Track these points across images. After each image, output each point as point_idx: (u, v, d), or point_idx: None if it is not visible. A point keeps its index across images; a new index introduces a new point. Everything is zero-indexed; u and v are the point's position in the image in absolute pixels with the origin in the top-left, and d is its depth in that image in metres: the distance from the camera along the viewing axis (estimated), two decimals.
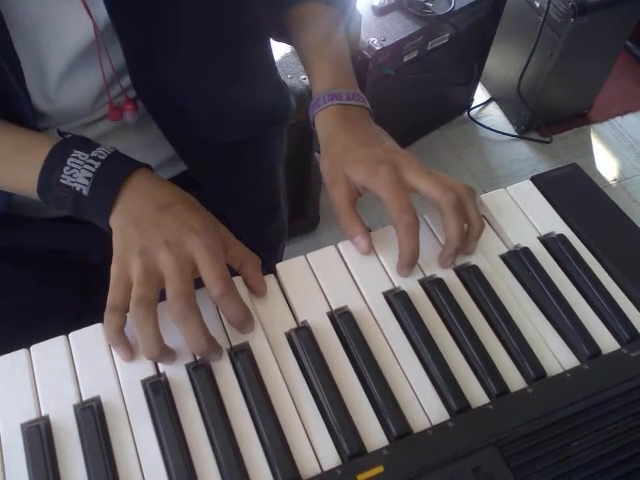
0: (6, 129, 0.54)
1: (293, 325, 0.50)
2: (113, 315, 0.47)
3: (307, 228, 1.62)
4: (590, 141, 1.91)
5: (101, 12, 0.51)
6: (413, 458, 0.43)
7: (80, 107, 0.58)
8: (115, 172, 0.50)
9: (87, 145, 0.51)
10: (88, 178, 0.49)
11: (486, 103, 1.97)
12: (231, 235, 0.52)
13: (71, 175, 0.49)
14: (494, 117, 1.95)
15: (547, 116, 1.84)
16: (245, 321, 0.48)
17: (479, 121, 1.91)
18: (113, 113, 0.59)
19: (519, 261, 0.54)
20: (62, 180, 0.49)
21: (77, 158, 0.50)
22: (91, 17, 0.51)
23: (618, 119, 1.95)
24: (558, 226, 0.56)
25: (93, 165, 0.50)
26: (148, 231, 0.48)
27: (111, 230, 0.50)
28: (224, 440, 0.44)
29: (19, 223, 0.67)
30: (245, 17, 0.61)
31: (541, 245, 0.55)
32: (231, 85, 0.64)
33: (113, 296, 0.47)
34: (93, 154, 0.50)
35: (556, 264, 0.54)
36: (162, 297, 0.48)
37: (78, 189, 0.49)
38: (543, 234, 0.56)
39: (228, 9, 0.58)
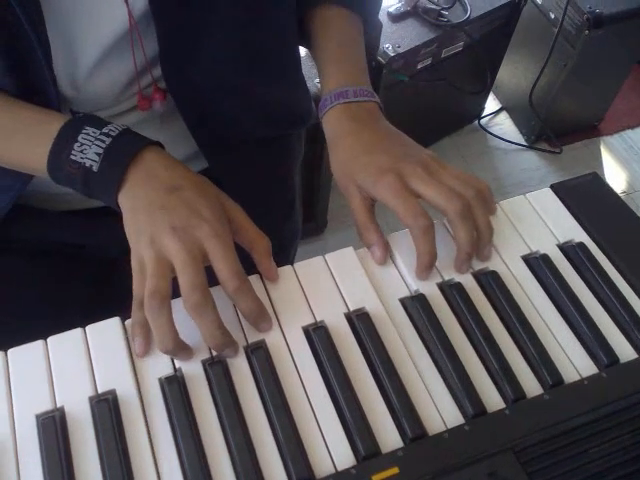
0: (19, 106, 0.54)
1: (311, 321, 0.50)
2: (139, 308, 0.47)
3: (315, 231, 1.62)
4: (600, 153, 1.91)
5: (137, 2, 0.52)
6: (428, 460, 0.43)
7: (106, 96, 0.58)
8: (126, 148, 0.50)
9: (99, 122, 0.51)
10: (98, 154, 0.49)
11: (497, 112, 1.97)
12: (242, 214, 0.52)
13: (82, 151, 0.49)
14: (504, 126, 1.95)
15: (557, 127, 1.84)
16: (260, 315, 0.48)
17: (489, 130, 1.92)
18: (142, 103, 0.59)
19: (538, 267, 0.54)
20: (72, 156, 0.49)
21: (88, 134, 0.49)
22: (127, 7, 0.51)
23: (628, 132, 1.96)
24: (577, 234, 0.56)
25: (104, 141, 0.49)
26: (155, 214, 0.48)
27: (119, 208, 0.50)
28: (239, 437, 0.43)
29: (35, 216, 0.67)
30: (281, 15, 0.61)
31: (560, 252, 0.55)
32: (259, 82, 0.64)
33: (137, 288, 0.47)
34: (104, 130, 0.50)
35: (575, 272, 0.54)
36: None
37: (88, 165, 0.49)
38: (562, 242, 0.56)
39: (265, 6, 0.58)
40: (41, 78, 0.52)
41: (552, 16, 1.62)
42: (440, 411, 0.46)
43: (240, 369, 0.47)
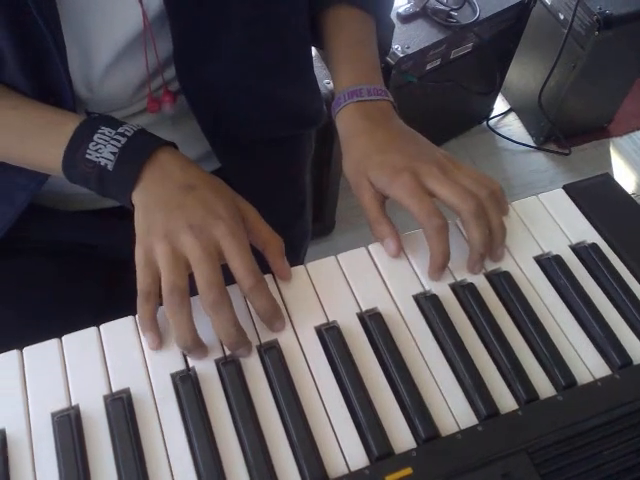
0: (34, 106, 0.54)
1: (323, 321, 0.50)
2: (146, 301, 0.47)
3: (323, 232, 1.62)
4: (609, 154, 1.91)
5: (152, 2, 0.52)
6: (442, 461, 0.43)
7: (119, 97, 0.59)
8: (141, 148, 0.50)
9: (114, 122, 0.51)
10: (114, 153, 0.49)
11: (505, 113, 1.96)
12: (256, 215, 0.52)
13: (97, 150, 0.49)
14: (513, 127, 1.94)
15: (566, 128, 1.83)
16: (274, 314, 0.48)
17: (498, 131, 1.91)
18: (152, 105, 0.60)
19: (550, 268, 0.53)
20: (87, 155, 0.50)
21: (104, 134, 0.50)
22: (142, 7, 0.52)
23: (638, 133, 1.94)
24: (590, 235, 0.56)
25: (119, 141, 0.50)
26: (172, 212, 0.48)
27: (133, 207, 0.50)
28: (252, 436, 0.44)
29: (47, 216, 0.68)
30: (294, 15, 0.62)
31: (572, 253, 0.55)
32: (273, 81, 0.64)
33: (143, 282, 0.47)
34: (120, 130, 0.50)
35: (588, 273, 0.54)
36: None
37: (103, 164, 0.49)
38: (574, 242, 0.56)
39: (279, 6, 0.58)
40: (57, 79, 0.52)
41: (561, 17, 1.61)
42: (453, 412, 0.46)
43: (253, 369, 0.47)
